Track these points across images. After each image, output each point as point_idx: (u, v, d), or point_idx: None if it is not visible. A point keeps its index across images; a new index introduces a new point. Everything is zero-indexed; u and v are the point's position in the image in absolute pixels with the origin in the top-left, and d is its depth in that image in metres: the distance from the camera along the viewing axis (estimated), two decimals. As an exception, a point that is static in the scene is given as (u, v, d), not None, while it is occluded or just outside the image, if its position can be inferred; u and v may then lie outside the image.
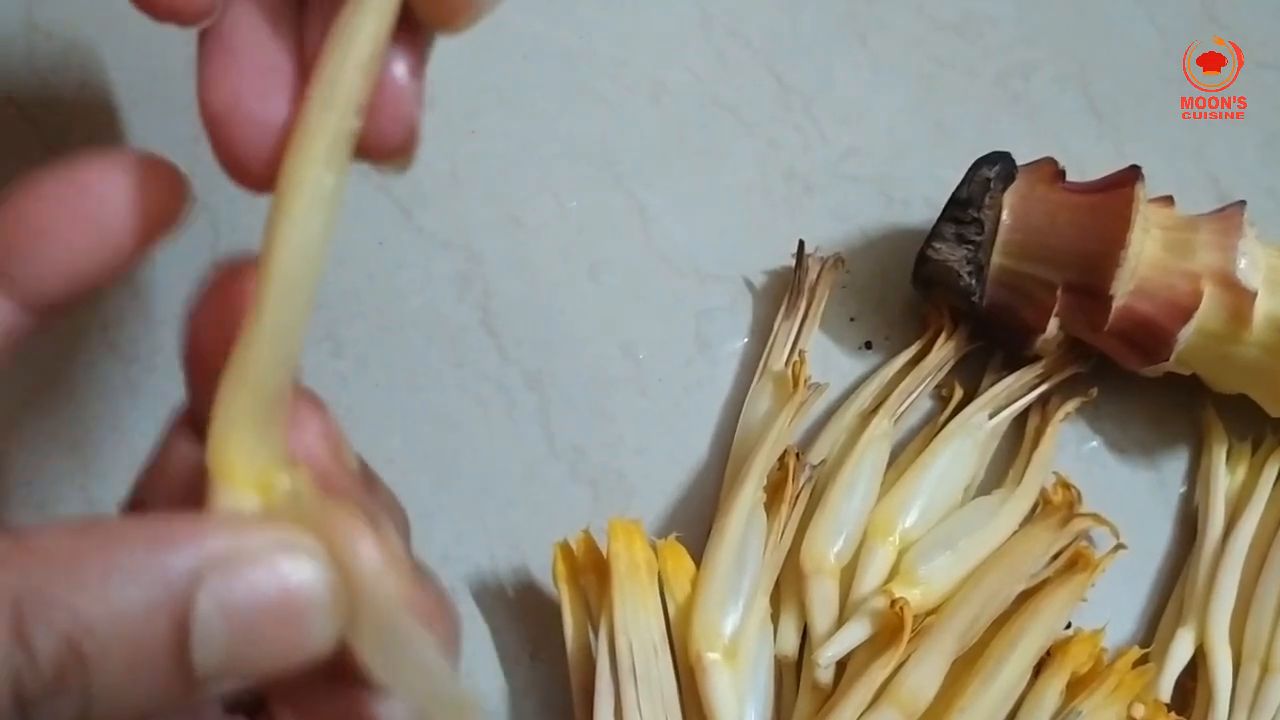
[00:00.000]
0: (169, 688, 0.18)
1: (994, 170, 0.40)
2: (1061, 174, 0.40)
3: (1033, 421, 0.41)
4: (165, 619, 0.18)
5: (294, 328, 0.21)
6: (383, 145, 0.22)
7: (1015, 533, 0.38)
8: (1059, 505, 0.39)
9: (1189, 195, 0.41)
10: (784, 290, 0.43)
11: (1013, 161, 0.40)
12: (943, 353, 0.42)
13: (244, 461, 0.20)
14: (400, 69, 0.22)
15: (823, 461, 0.40)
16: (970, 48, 0.49)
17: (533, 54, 0.48)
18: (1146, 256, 0.38)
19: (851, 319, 0.44)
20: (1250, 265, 0.37)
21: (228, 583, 0.18)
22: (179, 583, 0.18)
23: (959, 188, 0.40)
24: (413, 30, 0.22)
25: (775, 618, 0.37)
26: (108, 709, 0.18)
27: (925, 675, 0.34)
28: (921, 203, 0.46)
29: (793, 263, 0.43)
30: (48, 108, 0.44)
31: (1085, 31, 0.49)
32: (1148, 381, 0.41)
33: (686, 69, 0.48)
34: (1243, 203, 0.39)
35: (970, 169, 0.40)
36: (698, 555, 0.37)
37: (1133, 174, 0.39)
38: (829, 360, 0.43)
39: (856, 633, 0.35)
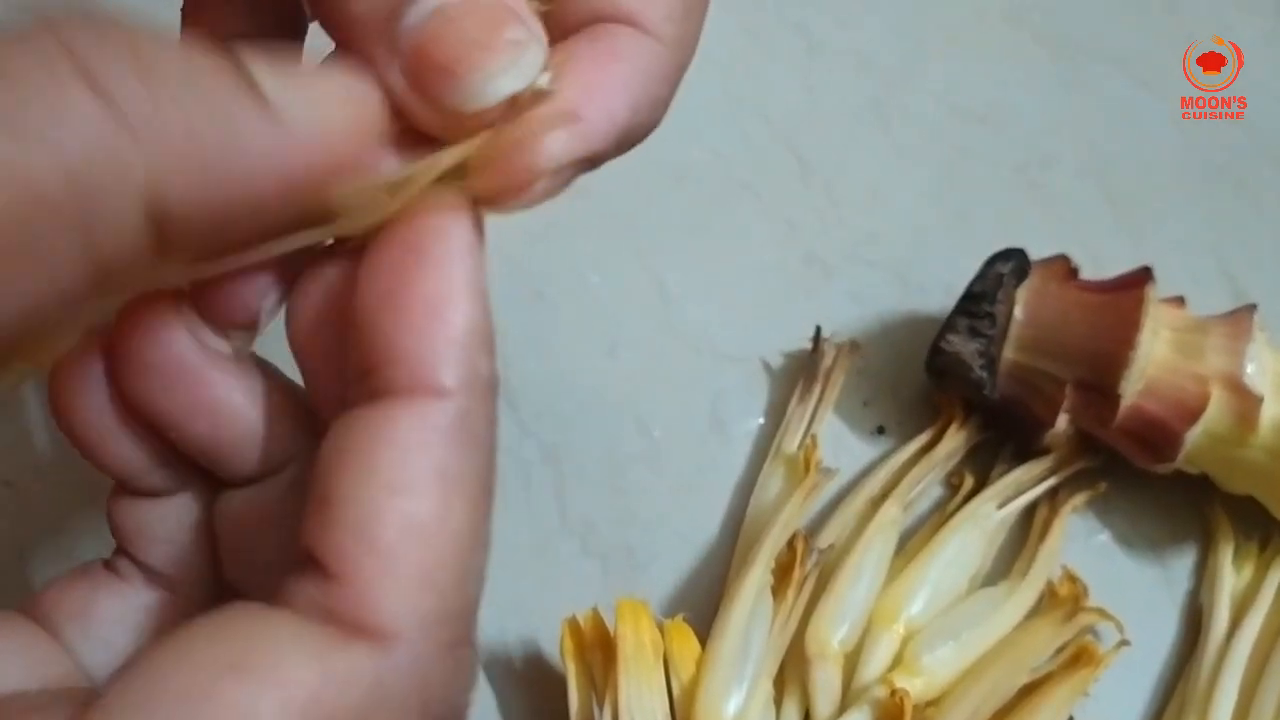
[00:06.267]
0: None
1: (1008, 266, 0.40)
2: (1075, 271, 0.41)
3: (1041, 513, 0.41)
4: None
5: None
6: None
7: (1020, 625, 0.39)
8: (1065, 599, 0.39)
9: (1204, 291, 0.42)
10: (800, 372, 0.44)
11: (1027, 258, 0.41)
12: (954, 442, 0.42)
13: None
14: None
15: (831, 546, 0.40)
16: (993, 137, 0.50)
17: (561, 131, 0.49)
18: (1156, 357, 0.39)
19: (865, 403, 0.44)
20: (1258, 370, 0.38)
21: None
22: None
23: (973, 282, 0.41)
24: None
25: (779, 701, 0.38)
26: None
27: (924, 767, 0.35)
28: (939, 290, 0.46)
29: (809, 345, 0.44)
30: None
31: (1106, 125, 0.50)
32: (1158, 477, 0.41)
33: (710, 149, 0.49)
34: (1253, 306, 0.39)
35: (985, 264, 0.41)
36: (705, 634, 0.37)
37: (1144, 275, 0.39)
38: (841, 443, 0.44)
39: (857, 721, 0.36)
